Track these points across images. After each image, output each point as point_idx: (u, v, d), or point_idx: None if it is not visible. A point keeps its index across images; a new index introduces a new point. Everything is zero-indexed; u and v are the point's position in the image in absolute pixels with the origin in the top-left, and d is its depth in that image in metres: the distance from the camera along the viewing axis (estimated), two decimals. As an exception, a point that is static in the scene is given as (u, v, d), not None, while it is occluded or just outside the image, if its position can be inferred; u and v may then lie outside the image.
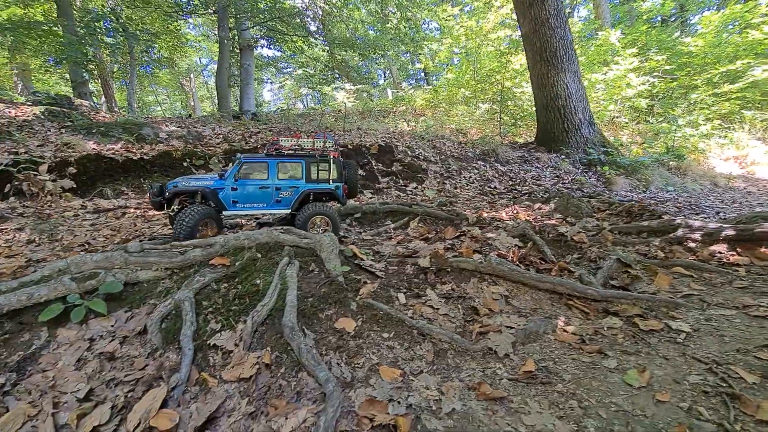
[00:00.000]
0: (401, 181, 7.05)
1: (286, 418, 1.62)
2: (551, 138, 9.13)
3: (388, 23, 13.57)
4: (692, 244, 3.17)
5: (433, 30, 20.06)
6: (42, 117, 8.61)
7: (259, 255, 2.57)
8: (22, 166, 5.18)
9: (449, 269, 2.78)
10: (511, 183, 7.63)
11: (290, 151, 3.45)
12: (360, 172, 6.88)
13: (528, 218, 4.11)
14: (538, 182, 7.74)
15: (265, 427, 1.60)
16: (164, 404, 1.70)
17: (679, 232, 3.27)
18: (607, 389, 1.72)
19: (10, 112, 8.51)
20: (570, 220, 3.96)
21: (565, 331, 2.20)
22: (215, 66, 25.95)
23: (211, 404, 1.70)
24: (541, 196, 6.11)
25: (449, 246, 3.23)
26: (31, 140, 6.69)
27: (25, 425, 1.60)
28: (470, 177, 7.72)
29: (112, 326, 2.12)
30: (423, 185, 7.11)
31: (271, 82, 25.08)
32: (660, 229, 3.40)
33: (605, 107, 12.06)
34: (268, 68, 22.11)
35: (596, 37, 13.82)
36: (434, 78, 20.72)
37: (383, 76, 25.48)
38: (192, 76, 23.33)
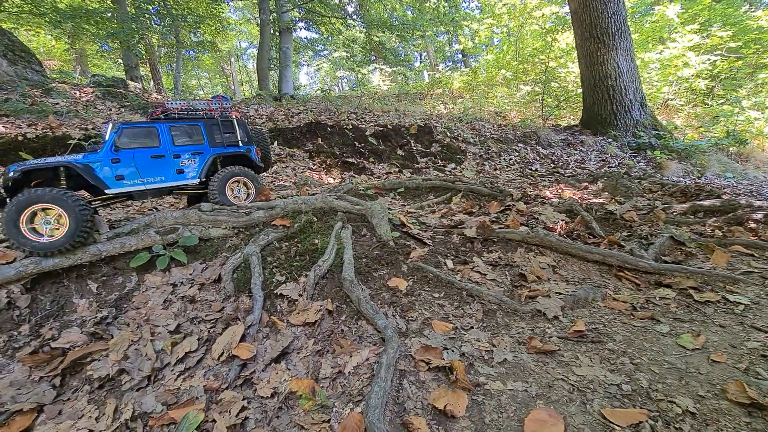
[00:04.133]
0: (440, 162, 7.06)
1: (351, 356, 1.78)
2: (598, 120, 8.74)
3: (427, 2, 13.27)
4: (753, 225, 3.03)
5: (473, 9, 19.39)
6: (102, 97, 9.29)
7: (315, 218, 2.75)
8: (93, 140, 5.67)
9: (495, 239, 2.84)
10: (553, 166, 7.43)
11: (182, 113, 2.98)
12: (399, 152, 6.95)
13: (574, 196, 4.05)
14: (583, 166, 7.48)
15: (332, 363, 1.78)
16: (242, 339, 1.92)
17: (740, 212, 3.13)
18: (660, 350, 1.76)
19: (75, 93, 9.23)
20: (619, 199, 3.87)
21: (615, 299, 2.23)
22: (254, 50, 26.55)
23: (283, 341, 1.90)
24: (583, 177, 5.94)
25: (494, 219, 3.28)
26: (96, 118, 7.27)
27: (130, 347, 1.87)
28: (510, 159, 7.59)
29: (191, 274, 2.37)
30: (462, 166, 7.08)
31: (307, 65, 25.36)
32: (719, 208, 3.27)
33: (658, 89, 11.31)
34: (305, 51, 22.35)
35: (652, 12, 12.86)
36: (472, 59, 20.13)
37: (419, 58, 25.02)
38: (232, 59, 24.03)
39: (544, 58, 11.79)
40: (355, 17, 15.54)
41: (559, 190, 4.34)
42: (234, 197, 2.95)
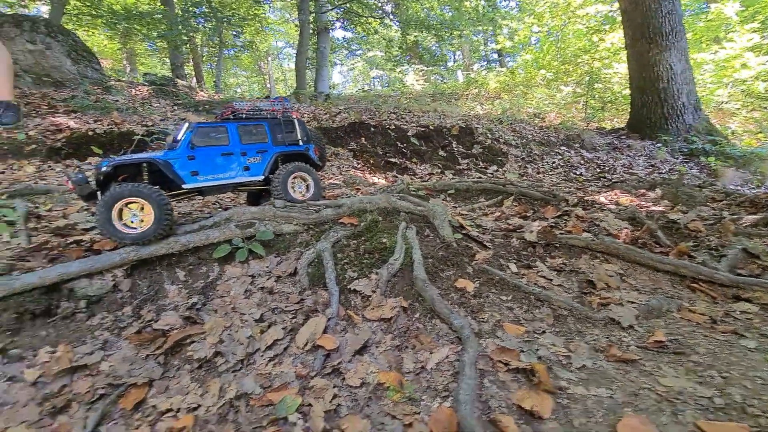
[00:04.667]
0: (481, 164, 7.02)
1: (431, 353, 1.86)
2: (647, 124, 8.40)
3: (466, 0, 13.16)
4: (837, 240, 2.86)
5: (512, 8, 19.03)
6: (156, 95, 9.82)
7: (380, 218, 2.84)
8: (155, 136, 6.04)
9: (558, 245, 2.83)
10: (599, 170, 7.23)
11: (249, 114, 3.13)
12: (441, 153, 6.97)
13: (631, 203, 3.95)
14: (630, 171, 7.23)
15: (413, 358, 1.85)
16: (324, 331, 2.03)
17: (821, 225, 2.96)
18: (749, 365, 1.72)
19: (131, 90, 9.81)
20: (681, 208, 3.74)
21: (691, 311, 2.18)
22: (290, 49, 27.23)
23: (362, 335, 1.99)
24: (636, 183, 5.75)
25: (553, 224, 3.26)
26: (153, 115, 7.72)
27: (224, 332, 2.02)
28: (553, 162, 7.44)
29: (267, 267, 2.52)
30: (503, 168, 7.01)
31: (341, 65, 25.70)
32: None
33: (711, 91, 10.72)
34: (340, 50, 22.67)
35: (707, 10, 12.18)
36: (509, 59, 19.76)
37: (452, 57, 24.80)
38: (269, 58, 24.69)
39: (588, 59, 11.43)
40: (392, 17, 15.62)
41: (615, 196, 4.24)
42: (294, 192, 3.08)
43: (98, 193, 2.46)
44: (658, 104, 8.16)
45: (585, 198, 3.92)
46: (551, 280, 2.50)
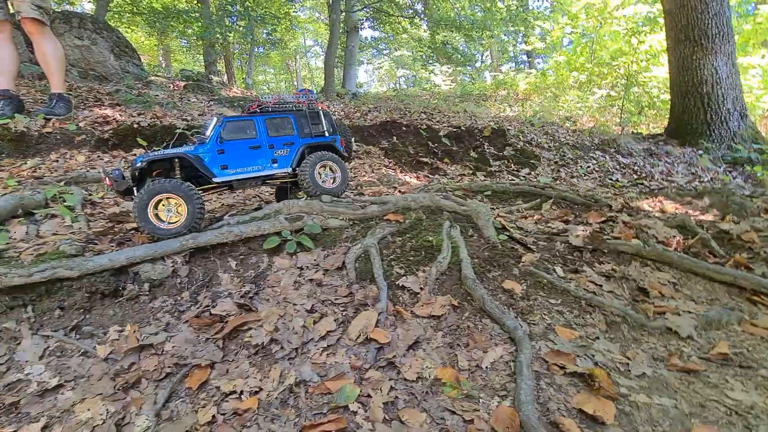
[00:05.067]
0: (513, 166, 6.93)
1: (485, 352, 1.86)
2: (687, 130, 8.08)
3: (499, 1, 12.99)
4: None
5: (544, 8, 18.66)
6: (192, 91, 10.14)
7: (423, 216, 2.85)
8: (195, 130, 6.25)
9: (606, 250, 2.77)
10: (636, 177, 7.01)
11: (275, 106, 3.13)
12: (472, 154, 6.92)
13: (677, 211, 3.82)
14: (669, 178, 6.99)
15: (467, 356, 1.86)
16: (375, 325, 2.06)
17: None
18: (826, 384, 1.65)
19: (169, 86, 10.17)
20: (732, 218, 3.59)
21: (753, 324, 2.10)
22: (318, 48, 27.59)
23: (413, 331, 2.01)
24: (678, 191, 5.54)
25: (598, 230, 3.19)
26: (192, 110, 7.98)
27: (279, 321, 2.08)
28: (588, 167, 7.27)
29: (315, 260, 2.57)
30: (536, 172, 6.90)
31: (367, 63, 25.84)
32: None
33: (758, 98, 10.21)
34: (367, 49, 22.78)
35: (755, 12, 11.60)
36: (539, 60, 19.39)
37: (480, 58, 24.52)
38: (297, 56, 25.08)
39: (625, 61, 11.09)
40: (421, 16, 15.58)
41: (658, 203, 4.11)
42: (322, 181, 3.06)
43: (134, 188, 2.54)
44: (700, 110, 7.84)
45: (629, 204, 3.81)
46: (601, 285, 2.45)
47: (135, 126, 6.22)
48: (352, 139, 3.65)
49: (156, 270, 2.25)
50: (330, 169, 3.15)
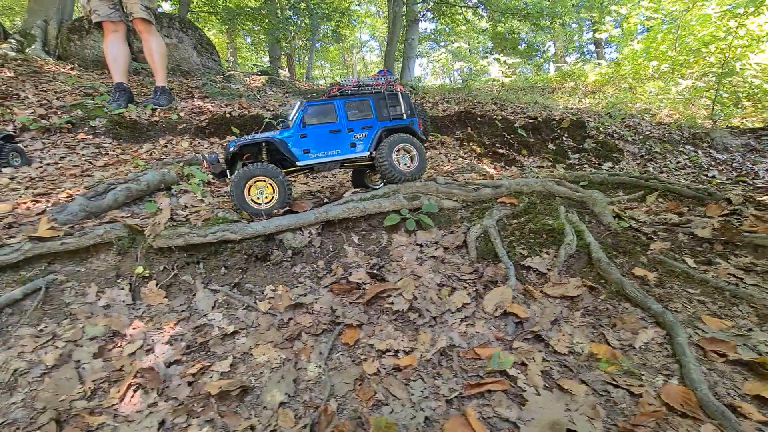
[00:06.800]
0: (594, 159, 6.61)
1: (634, 333, 1.84)
2: (799, 123, 7.21)
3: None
4: None
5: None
6: (268, 84, 10.72)
7: (537, 201, 2.84)
8: (280, 119, 6.65)
9: (740, 243, 2.60)
10: (735, 174, 6.40)
11: (354, 90, 3.10)
12: (550, 146, 6.69)
13: (809, 208, 3.45)
14: (777, 176, 6.29)
15: (614, 335, 1.85)
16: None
17: None
18: None
19: (247, 80, 10.83)
20: None
21: None
22: (373, 42, 27.88)
23: (550, 309, 2.04)
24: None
25: (722, 223, 2.98)
26: (270, 101, 8.46)
27: (415, 290, 2.19)
28: (678, 162, 6.75)
29: (433, 238, 2.66)
30: (619, 166, 6.53)
31: (423, 56, 25.67)
32: None
33: None
34: (424, 42, 22.63)
35: None
36: (609, 50, 18.15)
37: (541, 50, 23.45)
38: (354, 51, 25.51)
39: (716, 48, 10.09)
40: (485, 5, 15.17)
41: (783, 199, 3.74)
42: (400, 165, 3.00)
43: (227, 171, 2.72)
44: (818, 100, 6.95)
45: (754, 198, 3.51)
46: (742, 278, 2.30)
47: (227, 116, 6.72)
48: (428, 121, 3.54)
49: (296, 239, 2.46)
50: (406, 151, 3.07)
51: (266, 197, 2.65)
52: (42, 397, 1.55)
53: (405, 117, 3.13)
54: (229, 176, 2.84)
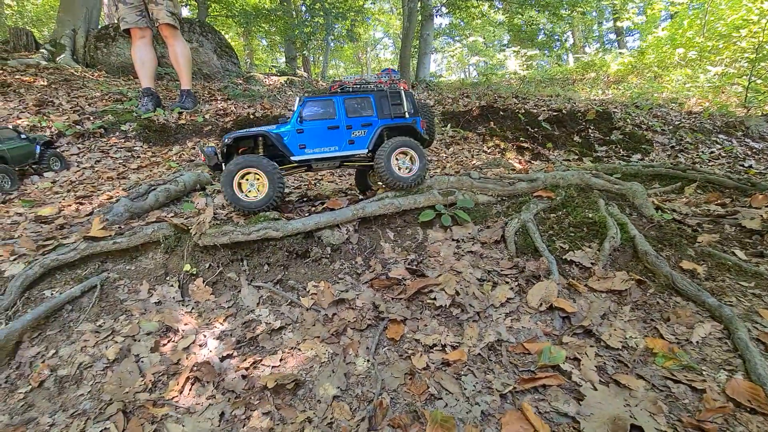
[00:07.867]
0: (622, 151, 6.43)
1: (690, 328, 1.79)
2: (843, 108, 6.84)
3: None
4: None
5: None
6: (287, 85, 10.84)
7: (574, 194, 2.79)
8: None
9: (793, 234, 2.49)
10: (774, 162, 6.12)
11: (355, 86, 3.01)
12: (576, 138, 6.54)
13: None
14: (820, 164, 5.99)
15: (667, 330, 1.81)
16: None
17: None
18: None
19: (266, 81, 10.97)
20: None
21: None
22: (387, 40, 27.81)
23: (597, 303, 2.00)
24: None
25: (771, 213, 2.86)
26: (291, 102, 8.55)
27: (457, 285, 2.19)
28: (711, 152, 6.50)
29: (470, 233, 2.65)
30: (649, 157, 6.33)
31: (437, 52, 25.47)
32: None
33: None
34: (438, 37, 22.43)
35: None
36: (630, 38, 17.60)
37: (561, 40, 22.93)
38: (368, 49, 25.50)
39: (747, 32, 9.66)
40: (500, -1, 14.91)
41: (834, 189, 3.56)
42: (398, 169, 2.86)
43: (222, 164, 2.65)
44: None
45: (802, 187, 3.35)
46: (799, 271, 2.21)
47: (250, 117, 6.82)
48: (435, 120, 3.38)
49: (334, 236, 2.48)
50: (404, 154, 2.90)
51: (258, 191, 2.55)
52: (107, 390, 1.62)
53: (408, 116, 3.02)
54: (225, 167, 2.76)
